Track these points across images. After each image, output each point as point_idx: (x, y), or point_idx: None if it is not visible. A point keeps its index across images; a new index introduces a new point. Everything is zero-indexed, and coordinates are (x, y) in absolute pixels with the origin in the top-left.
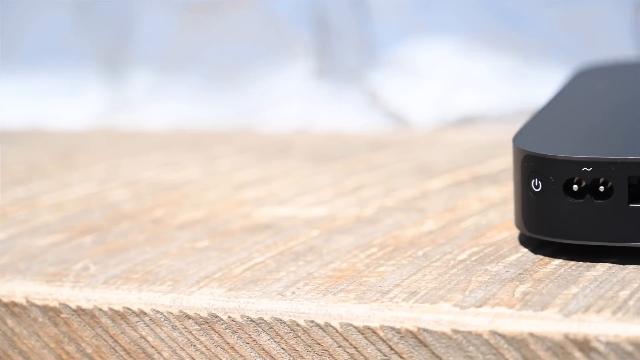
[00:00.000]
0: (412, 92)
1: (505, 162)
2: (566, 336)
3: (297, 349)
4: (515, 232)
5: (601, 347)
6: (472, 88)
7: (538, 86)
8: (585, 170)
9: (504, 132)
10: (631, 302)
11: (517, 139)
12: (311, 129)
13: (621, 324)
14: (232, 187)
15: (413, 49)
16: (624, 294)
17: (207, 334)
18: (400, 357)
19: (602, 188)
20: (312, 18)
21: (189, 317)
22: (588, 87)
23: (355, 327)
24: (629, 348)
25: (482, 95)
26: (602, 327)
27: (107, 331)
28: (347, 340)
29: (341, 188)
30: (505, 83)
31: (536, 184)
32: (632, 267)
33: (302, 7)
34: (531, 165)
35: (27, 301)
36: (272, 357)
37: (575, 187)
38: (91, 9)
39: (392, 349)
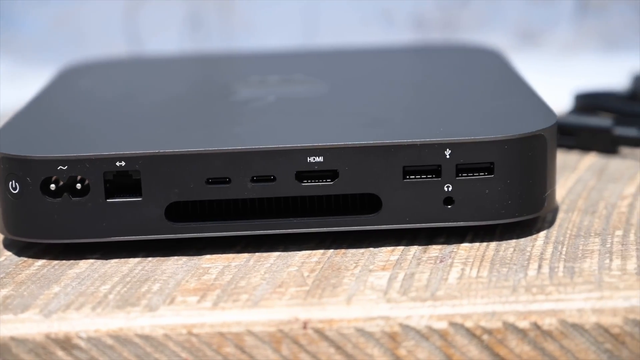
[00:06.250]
0: None
1: None
2: (47, 336)
3: None
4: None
5: (82, 343)
6: None
7: (35, 86)
8: (61, 169)
9: None
10: (111, 296)
11: None
12: None
13: (101, 319)
14: None
15: None
16: (104, 288)
17: None
18: None
19: (79, 186)
20: None
21: None
22: (71, 85)
23: None
24: (110, 341)
25: None
26: (82, 323)
27: None
28: None
29: None
30: (3, 85)
31: (14, 186)
32: (113, 262)
33: None
34: (7, 167)
35: None
36: None
37: (52, 186)
38: None
39: None
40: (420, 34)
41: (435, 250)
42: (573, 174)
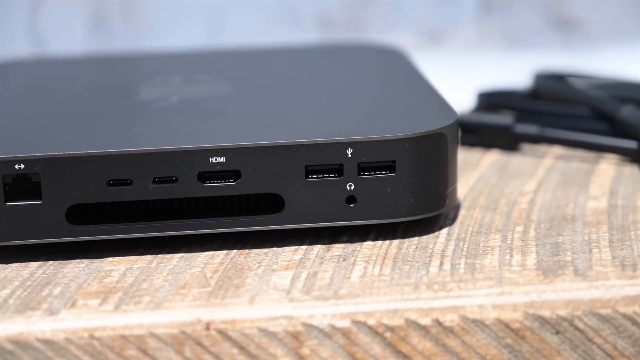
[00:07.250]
0: None
1: None
2: None
3: None
4: None
5: None
6: None
7: None
8: None
9: None
10: (11, 301)
11: None
12: None
13: (1, 324)
14: None
15: None
16: (4, 293)
17: None
18: None
19: None
20: None
21: None
22: None
23: None
24: (9, 347)
25: None
26: None
27: None
28: None
29: None
30: None
31: None
32: (14, 266)
33: None
34: None
35: None
36: None
37: None
38: None
39: None
40: (326, 34)
41: (338, 249)
42: (475, 171)
